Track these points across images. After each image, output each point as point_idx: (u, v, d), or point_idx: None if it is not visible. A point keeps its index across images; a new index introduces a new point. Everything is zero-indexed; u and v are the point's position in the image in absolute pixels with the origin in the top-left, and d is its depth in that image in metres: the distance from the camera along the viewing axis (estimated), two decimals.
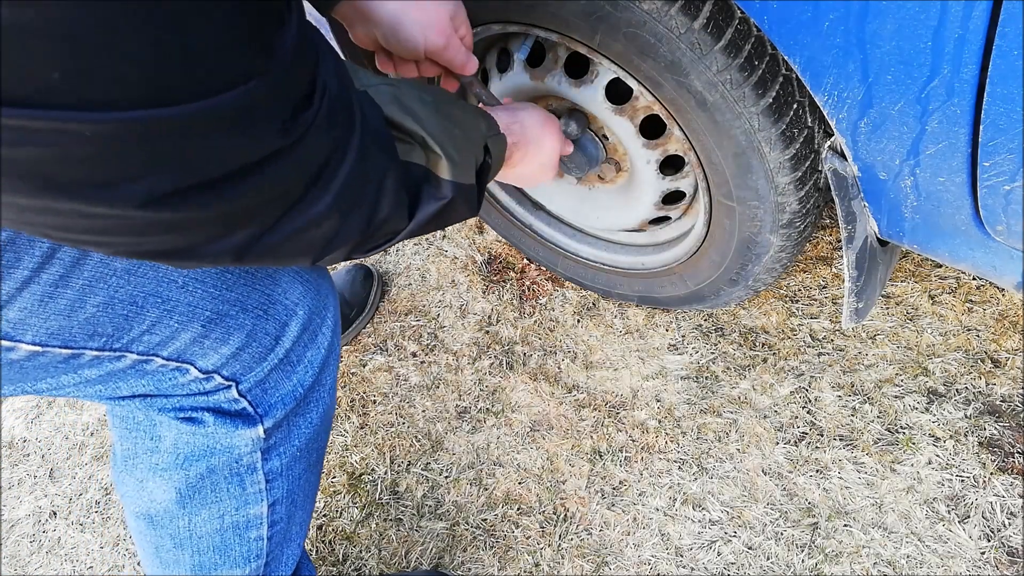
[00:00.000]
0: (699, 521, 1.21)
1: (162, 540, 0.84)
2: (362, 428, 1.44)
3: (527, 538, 1.25)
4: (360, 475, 1.38)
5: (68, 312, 0.63)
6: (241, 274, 0.74)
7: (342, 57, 0.62)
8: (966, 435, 1.20)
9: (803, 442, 1.25)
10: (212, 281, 0.71)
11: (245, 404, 0.77)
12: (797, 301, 1.41)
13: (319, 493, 1.37)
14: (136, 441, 0.80)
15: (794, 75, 0.89)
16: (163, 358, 0.71)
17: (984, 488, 1.15)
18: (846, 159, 0.86)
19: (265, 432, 0.79)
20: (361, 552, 1.30)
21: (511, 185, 1.44)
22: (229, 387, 0.76)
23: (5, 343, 0.62)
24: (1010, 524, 1.12)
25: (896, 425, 1.23)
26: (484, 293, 1.57)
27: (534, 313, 1.52)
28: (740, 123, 0.90)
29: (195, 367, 0.73)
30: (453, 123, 0.71)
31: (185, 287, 0.70)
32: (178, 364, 0.72)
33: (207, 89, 0.42)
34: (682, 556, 1.19)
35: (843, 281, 1.03)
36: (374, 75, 0.71)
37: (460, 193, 0.71)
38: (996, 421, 1.20)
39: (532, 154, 0.90)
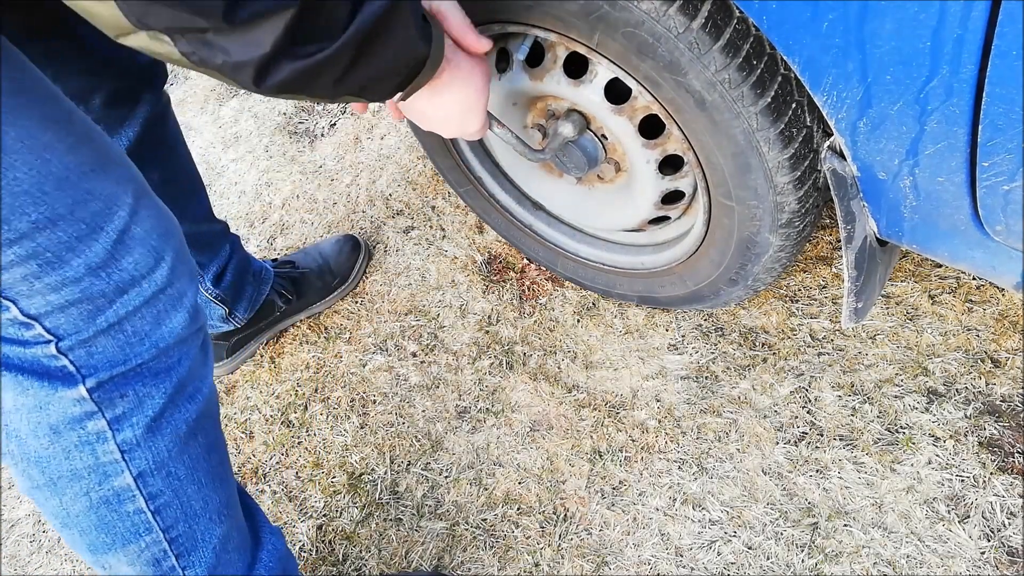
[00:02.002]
0: (699, 521, 1.21)
1: (53, 520, 0.84)
2: (362, 428, 1.44)
3: (527, 538, 1.25)
4: (360, 475, 1.38)
5: None
6: (87, 227, 0.72)
7: None
8: (966, 435, 1.20)
9: (803, 442, 1.25)
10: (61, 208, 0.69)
11: (65, 363, 0.75)
12: (797, 301, 1.41)
13: (319, 493, 1.37)
14: None
15: (793, 75, 0.89)
16: None
17: (984, 488, 1.15)
18: (845, 159, 0.85)
19: (88, 391, 0.76)
20: (361, 552, 1.30)
21: (510, 184, 1.44)
22: (49, 342, 0.74)
23: None
24: (1010, 524, 1.12)
25: (896, 425, 1.23)
26: (484, 293, 1.57)
27: (534, 313, 1.52)
28: (739, 123, 0.90)
29: (16, 306, 0.71)
30: None
31: (35, 207, 0.67)
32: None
33: None
34: (682, 556, 1.19)
35: (843, 281, 1.03)
36: None
37: None
38: (996, 421, 1.20)
39: (460, 82, 0.85)
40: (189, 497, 0.87)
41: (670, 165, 1.12)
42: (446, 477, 1.35)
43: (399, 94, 0.78)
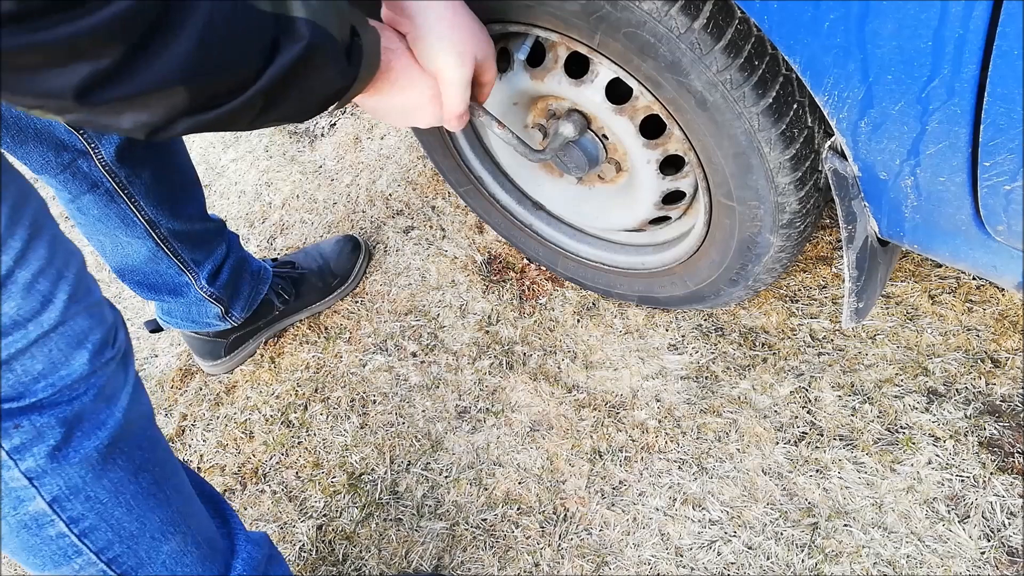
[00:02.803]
0: (699, 521, 1.21)
1: None
2: (362, 428, 1.44)
3: (527, 538, 1.25)
4: (360, 475, 1.38)
5: None
6: None
7: None
8: (966, 435, 1.20)
9: (803, 442, 1.25)
10: None
11: None
12: (797, 301, 1.41)
13: (319, 493, 1.37)
14: None
15: (794, 75, 0.89)
16: None
17: (984, 488, 1.15)
18: (846, 159, 0.86)
19: None
20: (361, 552, 1.30)
21: (511, 184, 1.44)
22: None
23: None
24: (1010, 524, 1.12)
25: (896, 425, 1.23)
26: (484, 293, 1.57)
27: (534, 313, 1.52)
28: (740, 123, 0.90)
29: None
30: None
31: None
32: None
33: None
34: (682, 556, 1.19)
35: (843, 281, 1.04)
36: None
37: (320, 38, 0.61)
38: (996, 421, 1.20)
39: (406, 81, 0.81)
40: (119, 520, 0.84)
41: (671, 165, 1.12)
42: (446, 477, 1.35)
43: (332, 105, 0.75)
